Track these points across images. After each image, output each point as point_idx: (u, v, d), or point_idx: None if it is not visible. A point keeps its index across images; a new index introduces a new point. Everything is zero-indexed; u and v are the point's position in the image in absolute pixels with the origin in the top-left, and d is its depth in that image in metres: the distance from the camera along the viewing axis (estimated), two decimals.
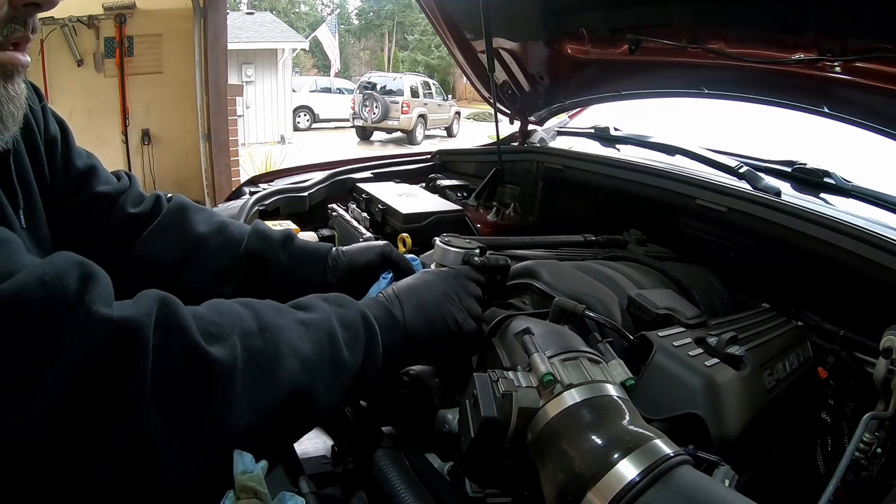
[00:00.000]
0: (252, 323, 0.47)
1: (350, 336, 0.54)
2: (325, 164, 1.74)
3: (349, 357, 0.52)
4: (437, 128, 13.71)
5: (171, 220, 0.75)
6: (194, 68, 3.38)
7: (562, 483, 0.42)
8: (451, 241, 0.75)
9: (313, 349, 0.50)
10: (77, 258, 0.40)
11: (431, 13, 1.66)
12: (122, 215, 0.72)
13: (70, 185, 0.68)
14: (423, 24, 24.73)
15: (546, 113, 1.81)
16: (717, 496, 0.39)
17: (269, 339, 0.47)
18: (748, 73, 1.15)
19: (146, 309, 0.40)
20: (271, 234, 0.78)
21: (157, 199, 0.76)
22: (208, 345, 0.42)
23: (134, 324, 0.38)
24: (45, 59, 3.31)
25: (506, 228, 1.44)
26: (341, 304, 0.57)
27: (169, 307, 0.42)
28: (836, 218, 0.90)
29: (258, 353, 0.45)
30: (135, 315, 0.39)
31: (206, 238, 0.75)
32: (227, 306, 0.48)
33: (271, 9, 21.61)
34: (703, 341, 0.64)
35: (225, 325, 0.45)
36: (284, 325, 0.49)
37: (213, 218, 0.78)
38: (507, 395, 0.48)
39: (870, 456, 0.60)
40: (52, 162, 0.66)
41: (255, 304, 0.50)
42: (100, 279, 0.40)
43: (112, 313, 0.38)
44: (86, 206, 0.70)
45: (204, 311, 0.46)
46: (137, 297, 0.42)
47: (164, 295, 0.43)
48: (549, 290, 0.73)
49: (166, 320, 0.41)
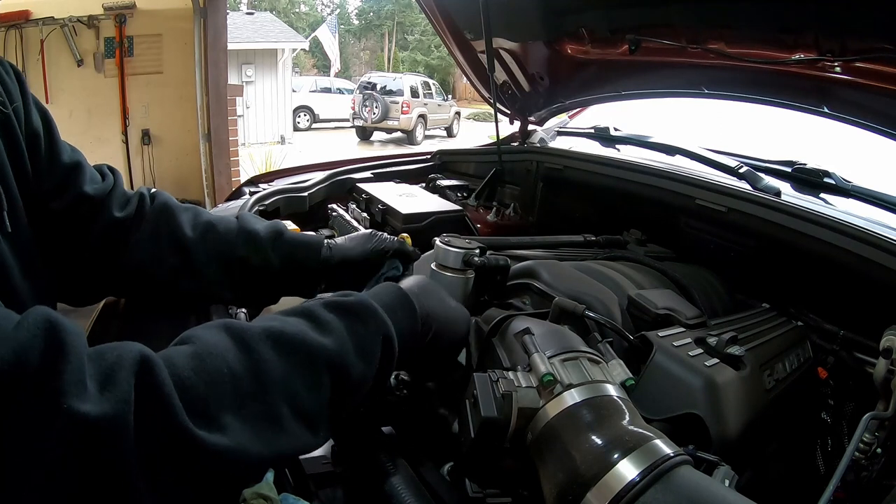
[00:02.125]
0: (246, 380, 0.42)
1: (363, 367, 0.49)
2: (325, 164, 1.74)
3: (355, 391, 0.49)
4: (437, 128, 13.71)
5: (159, 226, 0.70)
6: (194, 68, 3.37)
7: (562, 483, 0.42)
8: (451, 242, 0.75)
9: (315, 398, 0.45)
10: (46, 319, 0.35)
11: (431, 13, 1.66)
12: (108, 219, 0.67)
13: (55, 184, 0.63)
14: (423, 24, 24.73)
15: (546, 113, 1.81)
16: (717, 496, 0.39)
17: (268, 400, 0.42)
18: (748, 73, 1.15)
19: (123, 394, 0.35)
20: (260, 234, 0.74)
21: (140, 199, 0.71)
22: (198, 426, 0.37)
23: (112, 421, 0.34)
24: (45, 59, 3.31)
25: (506, 228, 1.44)
26: (363, 319, 0.51)
27: (150, 383, 0.36)
28: (836, 218, 0.90)
29: (256, 421, 0.41)
30: (111, 411, 0.34)
31: (195, 244, 0.71)
32: (216, 356, 0.41)
33: (271, 9, 21.61)
34: (703, 341, 0.64)
35: (214, 398, 0.39)
36: (283, 372, 0.44)
37: (198, 219, 0.74)
38: (507, 395, 0.48)
39: (870, 456, 0.61)
40: (36, 158, 0.60)
41: (249, 343, 0.44)
42: (69, 351, 0.34)
43: (86, 410, 0.33)
44: (72, 207, 0.64)
45: (187, 372, 0.39)
46: (111, 370, 0.36)
47: (143, 361, 0.37)
48: (549, 290, 0.73)
49: (148, 404, 0.36)
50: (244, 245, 0.73)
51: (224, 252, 0.72)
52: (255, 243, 0.73)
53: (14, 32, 3.26)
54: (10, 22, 3.24)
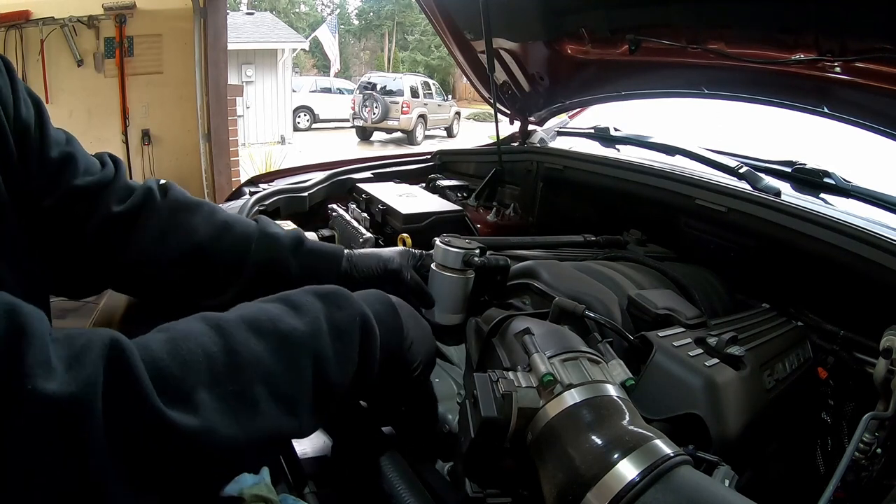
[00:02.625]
0: (221, 359, 0.41)
1: (342, 347, 0.49)
2: (325, 164, 1.74)
3: (337, 375, 0.48)
4: (437, 128, 13.72)
5: (169, 222, 0.67)
6: (194, 68, 3.37)
7: (562, 483, 0.42)
8: (451, 242, 0.75)
9: (294, 381, 0.45)
10: (4, 302, 0.34)
11: (431, 13, 1.66)
12: (105, 214, 0.63)
13: (45, 180, 0.59)
14: (423, 24, 24.74)
15: (546, 113, 1.81)
16: (717, 496, 0.39)
17: (242, 379, 0.42)
18: (748, 73, 1.15)
19: (90, 376, 0.34)
20: (281, 240, 0.72)
21: (147, 192, 0.67)
22: (169, 408, 0.36)
23: (78, 400, 0.33)
24: (45, 59, 3.31)
25: (506, 228, 1.44)
26: (339, 304, 0.52)
27: (119, 365, 0.36)
28: (836, 218, 0.90)
29: (231, 400, 0.41)
30: (77, 391, 0.33)
31: (209, 243, 0.68)
32: (190, 339, 0.41)
33: (271, 9, 21.62)
34: (703, 341, 0.64)
35: (188, 378, 0.39)
36: (259, 353, 0.44)
37: (214, 216, 0.70)
38: (507, 395, 0.48)
39: (870, 456, 0.61)
40: (26, 151, 0.57)
41: (224, 327, 0.44)
42: (31, 333, 0.33)
43: (51, 390, 0.32)
44: (63, 202, 0.61)
45: (161, 354, 0.39)
46: (80, 352, 0.35)
47: (113, 344, 0.36)
48: (548, 290, 0.73)
49: (117, 384, 0.35)
50: (264, 249, 0.70)
51: (239, 254, 0.69)
52: (275, 249, 0.71)
53: (14, 32, 3.26)
54: (10, 22, 3.24)
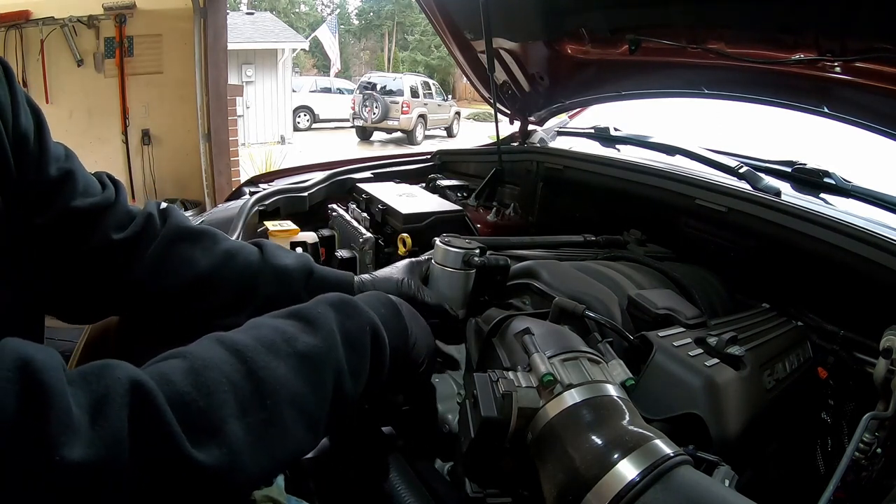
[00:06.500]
0: (246, 387, 0.40)
1: (356, 359, 0.49)
2: (325, 164, 1.74)
3: (351, 387, 0.48)
4: (437, 128, 13.72)
5: (168, 253, 0.64)
6: (194, 68, 3.37)
7: (562, 483, 0.42)
8: (451, 242, 0.75)
9: (318, 399, 0.45)
10: (17, 357, 0.31)
11: (431, 13, 1.66)
12: (103, 240, 0.61)
13: (41, 196, 0.56)
14: (423, 24, 24.74)
15: (546, 113, 1.81)
16: (717, 496, 0.39)
17: (270, 405, 0.41)
18: (748, 73, 1.15)
19: (117, 431, 0.32)
20: (291, 273, 0.68)
21: (147, 219, 0.64)
22: (197, 447, 0.35)
23: (107, 462, 0.31)
24: (45, 59, 3.31)
25: (506, 228, 1.44)
26: (349, 313, 0.51)
27: (145, 412, 0.34)
28: (836, 218, 0.90)
29: (260, 429, 0.40)
30: (106, 452, 0.31)
31: (210, 275, 0.66)
32: (213, 367, 0.40)
33: (271, 9, 21.62)
34: (703, 341, 0.64)
35: (216, 410, 0.38)
36: (282, 376, 0.43)
37: (215, 247, 0.67)
38: (507, 395, 0.48)
39: (870, 456, 0.61)
40: (23, 163, 0.54)
41: (243, 351, 0.42)
42: (51, 393, 0.31)
43: (80, 457, 0.30)
44: (58, 223, 0.57)
45: (185, 387, 0.37)
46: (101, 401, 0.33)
47: (135, 388, 0.34)
48: (548, 290, 0.73)
49: (145, 436, 0.34)
50: (273, 282, 0.68)
51: (243, 285, 0.67)
52: (286, 283, 0.68)
53: (14, 32, 3.26)
54: (10, 22, 3.24)
